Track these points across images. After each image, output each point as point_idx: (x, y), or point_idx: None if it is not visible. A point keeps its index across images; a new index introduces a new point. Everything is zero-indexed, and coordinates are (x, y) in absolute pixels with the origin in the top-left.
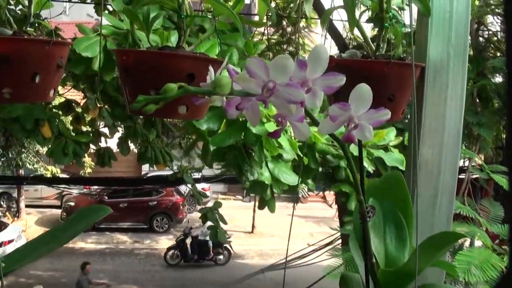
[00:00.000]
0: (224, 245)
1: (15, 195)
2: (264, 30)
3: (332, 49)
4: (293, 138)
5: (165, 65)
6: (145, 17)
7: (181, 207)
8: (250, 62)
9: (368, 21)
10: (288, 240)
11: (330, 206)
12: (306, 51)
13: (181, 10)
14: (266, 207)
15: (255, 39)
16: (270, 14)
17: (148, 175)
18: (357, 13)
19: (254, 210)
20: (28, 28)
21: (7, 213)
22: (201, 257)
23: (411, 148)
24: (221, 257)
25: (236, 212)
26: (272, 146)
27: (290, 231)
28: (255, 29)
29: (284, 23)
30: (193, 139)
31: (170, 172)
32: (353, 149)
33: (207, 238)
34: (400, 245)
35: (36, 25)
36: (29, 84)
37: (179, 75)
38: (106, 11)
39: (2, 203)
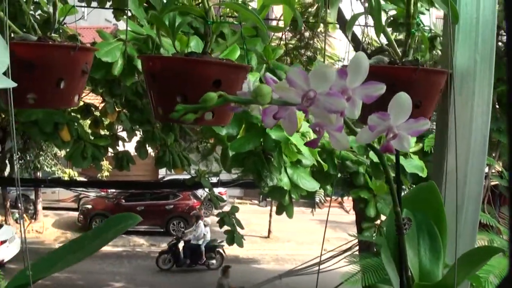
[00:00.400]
0: (217, 249)
1: (32, 197)
2: (282, 35)
3: (350, 53)
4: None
5: (191, 71)
6: (171, 23)
7: (197, 211)
8: (290, 71)
9: (388, 26)
10: (322, 245)
11: (347, 211)
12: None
13: (207, 16)
14: (284, 213)
15: (273, 44)
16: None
17: (165, 179)
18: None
19: (270, 215)
20: (53, 34)
21: (24, 215)
22: (194, 262)
23: (437, 155)
24: (213, 261)
25: (252, 216)
26: (291, 151)
27: (324, 237)
28: (272, 33)
29: (302, 27)
30: (211, 144)
31: (186, 176)
32: (373, 155)
33: (200, 242)
34: (434, 257)
35: (60, 30)
36: (53, 89)
37: (205, 82)
38: (125, 16)
39: (19, 205)
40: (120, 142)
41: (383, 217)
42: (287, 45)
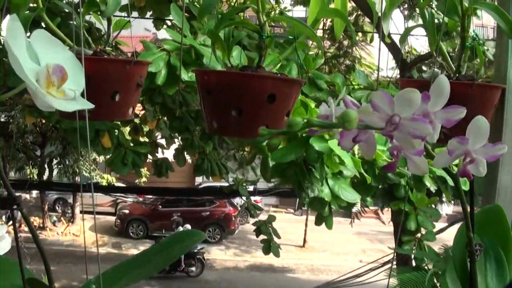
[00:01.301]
0: (197, 256)
1: (70, 200)
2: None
3: (389, 62)
4: (356, 155)
5: (247, 86)
6: (226, 38)
7: (233, 219)
8: (375, 96)
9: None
10: (395, 254)
11: (384, 222)
12: (363, 65)
13: (262, 30)
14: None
15: (311, 53)
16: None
17: (201, 186)
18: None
19: (306, 224)
20: (107, 48)
21: (62, 218)
22: (173, 268)
23: (490, 172)
24: (193, 268)
25: (287, 225)
26: (334, 162)
27: (395, 249)
28: (311, 42)
29: (341, 36)
30: (252, 153)
31: (223, 184)
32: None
33: None
34: (501, 284)
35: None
36: (109, 102)
37: (260, 96)
38: (165, 26)
39: (57, 208)
40: (159, 149)
41: (423, 230)
42: (326, 54)
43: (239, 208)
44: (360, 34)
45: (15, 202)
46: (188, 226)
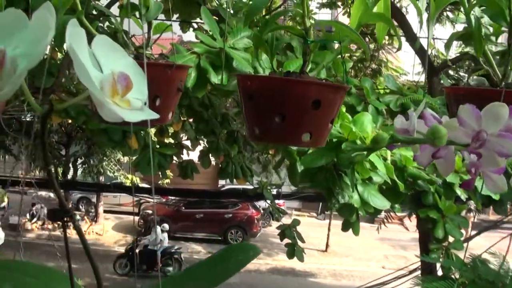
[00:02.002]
0: (175, 256)
1: (94, 200)
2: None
3: (416, 67)
4: (388, 161)
5: (291, 92)
6: (269, 42)
7: (255, 221)
8: (462, 110)
9: (458, 39)
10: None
11: (407, 229)
12: (389, 69)
13: (307, 35)
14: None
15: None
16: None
17: (224, 188)
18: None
19: (328, 228)
20: (147, 52)
21: (85, 217)
22: (150, 267)
23: None
24: (170, 268)
25: (310, 229)
26: (364, 168)
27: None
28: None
29: (367, 39)
30: (280, 157)
31: (246, 186)
32: (449, 177)
33: (156, 248)
34: None
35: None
36: (150, 107)
37: (304, 102)
38: (191, 28)
39: (80, 207)
40: (184, 151)
41: (451, 239)
42: (351, 57)
43: (262, 211)
44: (386, 37)
45: (67, 214)
46: (166, 226)
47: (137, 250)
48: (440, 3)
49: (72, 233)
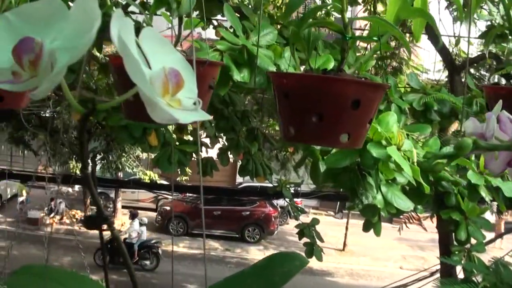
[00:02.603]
0: (152, 249)
1: (112, 195)
2: (368, 44)
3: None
4: (414, 163)
5: (329, 90)
6: (306, 39)
7: (273, 219)
8: None
9: (480, 37)
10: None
11: (425, 229)
12: (410, 67)
13: (346, 31)
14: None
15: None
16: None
17: (242, 185)
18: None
19: (346, 228)
20: (177, 48)
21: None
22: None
23: None
24: (147, 262)
25: (327, 228)
26: (389, 169)
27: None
28: (358, 42)
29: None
30: (302, 155)
31: (262, 184)
32: (471, 176)
33: (133, 241)
34: None
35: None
36: None
37: (343, 101)
38: (211, 25)
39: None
40: (203, 148)
41: (473, 241)
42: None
43: (279, 209)
44: (407, 34)
45: (105, 221)
46: (145, 220)
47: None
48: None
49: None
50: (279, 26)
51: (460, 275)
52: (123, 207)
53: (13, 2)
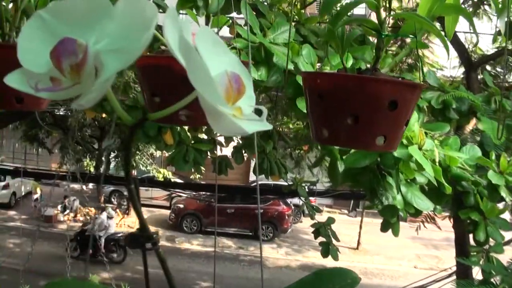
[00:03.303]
0: (120, 243)
1: (126, 193)
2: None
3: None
4: (436, 164)
5: (364, 91)
6: (340, 37)
7: (286, 217)
8: None
9: (498, 33)
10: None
11: (439, 228)
12: (426, 64)
13: (382, 29)
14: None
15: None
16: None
17: (254, 183)
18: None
19: (360, 226)
20: None
21: (117, 210)
22: (94, 253)
23: None
24: (114, 255)
25: (341, 226)
26: (410, 169)
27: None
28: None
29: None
30: (320, 154)
31: (276, 182)
32: (491, 176)
33: (101, 234)
34: None
35: None
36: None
37: (380, 102)
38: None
39: (113, 200)
40: (218, 147)
41: (491, 241)
42: (387, 52)
43: (293, 207)
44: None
45: (150, 240)
46: (112, 213)
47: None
48: None
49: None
50: (293, 24)
51: (476, 275)
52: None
53: (32, 1)
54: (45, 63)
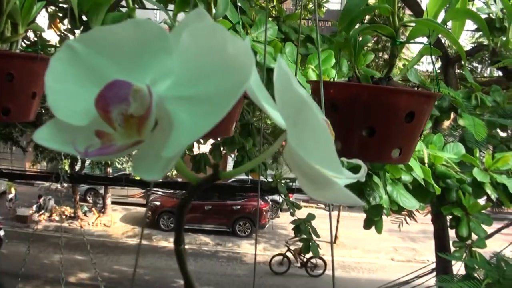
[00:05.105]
0: None
1: (101, 191)
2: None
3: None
4: (426, 164)
5: (381, 102)
6: (353, 44)
7: (264, 213)
8: None
9: (477, 29)
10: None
11: (416, 220)
12: (402, 59)
13: (397, 36)
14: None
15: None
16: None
17: (231, 180)
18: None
19: (337, 220)
20: None
21: (92, 208)
22: None
23: None
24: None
25: (318, 221)
26: (397, 169)
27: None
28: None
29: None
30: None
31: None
32: (476, 173)
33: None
34: None
35: None
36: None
37: (396, 113)
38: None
39: (88, 198)
40: (195, 144)
41: (474, 236)
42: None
43: (270, 203)
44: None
45: None
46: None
47: None
48: None
49: (80, 226)
50: (274, 21)
51: (458, 271)
52: (112, 202)
53: (18, 3)
54: (82, 111)
